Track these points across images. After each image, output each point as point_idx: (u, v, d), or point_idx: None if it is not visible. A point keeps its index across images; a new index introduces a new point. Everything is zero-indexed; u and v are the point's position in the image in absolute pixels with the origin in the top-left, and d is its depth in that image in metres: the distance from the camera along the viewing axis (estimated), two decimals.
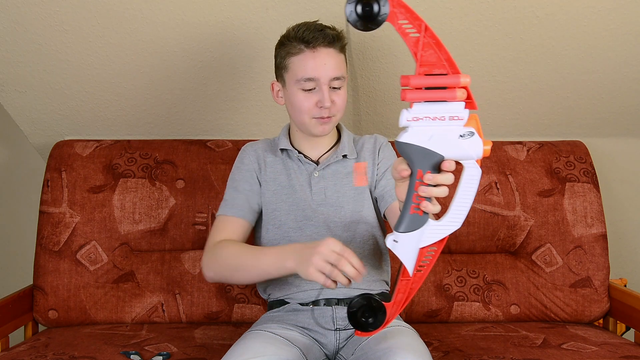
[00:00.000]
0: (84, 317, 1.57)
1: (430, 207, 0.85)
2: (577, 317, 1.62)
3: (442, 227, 0.85)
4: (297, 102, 1.27)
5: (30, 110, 1.70)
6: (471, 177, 0.83)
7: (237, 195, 1.33)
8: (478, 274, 1.63)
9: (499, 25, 1.54)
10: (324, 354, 1.23)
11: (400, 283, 0.90)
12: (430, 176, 0.84)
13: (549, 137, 1.84)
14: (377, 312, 0.90)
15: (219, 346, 1.38)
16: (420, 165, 0.84)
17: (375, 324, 0.91)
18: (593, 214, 1.66)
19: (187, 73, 1.63)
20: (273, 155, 1.37)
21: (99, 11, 1.46)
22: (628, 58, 1.63)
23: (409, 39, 0.81)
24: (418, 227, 0.86)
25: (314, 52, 1.23)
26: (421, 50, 0.80)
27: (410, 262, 0.87)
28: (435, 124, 0.82)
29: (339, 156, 1.34)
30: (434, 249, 0.87)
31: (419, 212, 0.85)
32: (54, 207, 1.61)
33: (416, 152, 0.83)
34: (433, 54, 0.81)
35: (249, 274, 1.21)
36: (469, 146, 0.82)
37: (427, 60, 0.81)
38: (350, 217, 1.31)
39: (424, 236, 0.86)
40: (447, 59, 0.81)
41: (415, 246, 0.86)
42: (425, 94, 0.81)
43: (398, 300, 0.91)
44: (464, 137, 0.82)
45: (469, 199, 0.84)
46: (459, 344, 1.41)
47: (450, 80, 0.80)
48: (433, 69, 0.81)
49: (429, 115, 0.82)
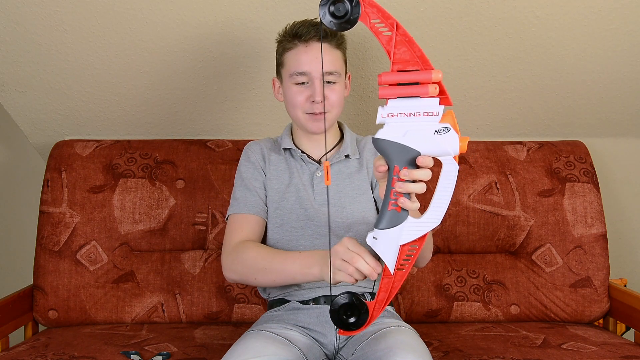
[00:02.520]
0: (84, 317, 1.57)
1: (407, 204, 0.85)
2: (577, 317, 1.62)
3: (422, 224, 0.85)
4: (290, 97, 1.28)
5: (30, 110, 1.70)
6: (448, 173, 0.84)
7: (248, 193, 1.32)
8: (478, 274, 1.63)
9: (499, 25, 1.54)
10: (324, 353, 1.23)
11: (382, 281, 0.90)
12: (406, 172, 0.84)
13: (549, 137, 1.85)
14: (359, 311, 0.90)
15: (219, 346, 1.38)
16: (396, 161, 0.85)
17: (358, 323, 0.90)
18: (593, 214, 1.66)
19: (187, 73, 1.63)
20: (276, 154, 1.37)
21: (99, 11, 1.46)
22: (628, 58, 1.63)
23: (382, 37, 0.83)
24: (397, 223, 0.86)
25: (307, 46, 1.25)
26: (394, 48, 0.82)
27: (391, 259, 0.88)
28: (410, 120, 0.83)
29: (341, 156, 1.34)
30: (415, 246, 0.87)
31: (397, 208, 0.86)
32: (54, 207, 1.61)
33: (392, 148, 0.84)
34: (406, 51, 0.82)
35: (274, 278, 1.21)
36: (444, 142, 0.83)
37: (400, 58, 0.82)
38: (351, 217, 1.31)
39: (403, 233, 0.86)
40: (419, 56, 0.82)
41: (395, 243, 0.87)
42: (398, 90, 0.83)
43: (380, 299, 0.90)
44: (439, 133, 0.83)
45: (448, 195, 0.84)
46: (459, 344, 1.41)
47: (422, 76, 0.81)
48: (407, 65, 0.82)
49: (403, 111, 0.83)
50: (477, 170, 1.67)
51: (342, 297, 0.90)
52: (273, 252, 1.24)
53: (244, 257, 1.24)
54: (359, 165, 1.35)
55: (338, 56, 1.28)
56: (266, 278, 1.22)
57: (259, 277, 1.22)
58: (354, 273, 1.02)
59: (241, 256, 1.24)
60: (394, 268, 0.88)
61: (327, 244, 1.29)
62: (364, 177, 1.34)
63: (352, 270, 1.02)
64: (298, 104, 1.27)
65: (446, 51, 1.60)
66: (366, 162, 1.36)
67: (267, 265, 1.20)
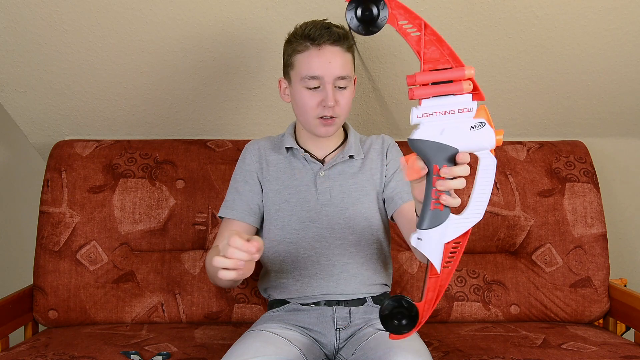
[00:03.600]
0: (84, 317, 1.57)
1: (450, 201, 0.85)
2: (577, 317, 1.62)
3: (465, 220, 0.85)
4: (301, 101, 1.26)
5: (30, 110, 1.71)
6: (487, 167, 0.84)
7: (237, 197, 1.33)
8: (478, 274, 1.63)
9: (499, 25, 1.54)
10: (324, 354, 1.23)
11: (429, 281, 0.89)
12: (446, 170, 0.84)
13: (549, 137, 1.85)
14: (409, 313, 0.88)
15: (219, 346, 1.38)
16: (435, 160, 0.84)
17: (409, 326, 0.89)
18: (593, 214, 1.66)
19: (187, 73, 1.63)
20: (277, 154, 1.36)
21: (99, 11, 1.46)
22: (628, 58, 1.63)
23: (410, 38, 0.82)
24: (440, 222, 0.86)
25: (320, 49, 1.22)
26: (424, 48, 0.81)
27: (437, 258, 0.87)
28: (446, 118, 0.83)
29: (345, 156, 1.33)
30: (459, 242, 0.87)
31: (440, 207, 0.86)
32: (54, 207, 1.61)
33: (430, 148, 0.84)
34: (435, 50, 0.82)
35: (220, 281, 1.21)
36: (481, 137, 0.83)
37: (430, 57, 0.82)
38: (354, 218, 1.30)
39: (447, 231, 0.86)
40: (449, 53, 0.81)
41: (440, 242, 0.86)
42: (432, 89, 0.82)
43: (429, 298, 0.89)
44: (475, 129, 0.83)
45: (488, 189, 0.85)
46: (459, 344, 1.41)
47: (455, 74, 0.81)
48: (437, 64, 0.82)
49: (438, 110, 0.83)
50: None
51: (391, 302, 0.88)
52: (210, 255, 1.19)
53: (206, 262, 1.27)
54: (362, 165, 1.35)
55: (349, 59, 1.27)
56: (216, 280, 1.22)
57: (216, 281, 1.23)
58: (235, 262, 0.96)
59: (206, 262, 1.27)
60: (440, 267, 0.88)
61: (329, 245, 1.29)
62: (367, 178, 1.34)
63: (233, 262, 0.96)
64: (309, 108, 1.26)
65: None
66: (371, 162, 1.35)
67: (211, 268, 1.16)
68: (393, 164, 1.35)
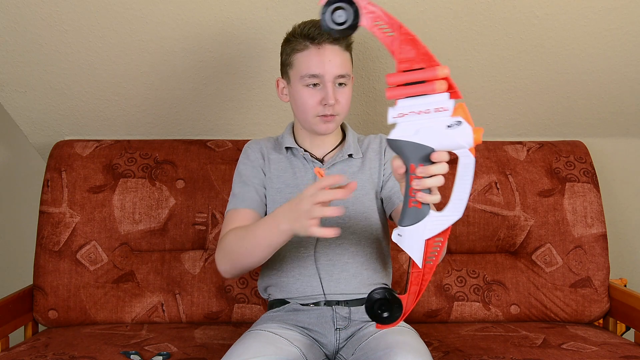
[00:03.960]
0: (84, 317, 1.57)
1: (427, 198, 0.85)
2: (577, 317, 1.62)
3: (444, 218, 0.86)
4: (301, 99, 1.26)
5: (30, 110, 1.71)
6: (466, 166, 0.84)
7: (246, 189, 1.31)
8: (478, 274, 1.63)
9: (499, 25, 1.54)
10: (324, 354, 1.23)
11: (412, 275, 0.91)
12: (421, 169, 0.85)
13: (549, 137, 1.85)
14: (392, 305, 0.91)
15: (219, 346, 1.38)
16: (412, 159, 0.85)
17: (393, 317, 0.91)
18: (593, 214, 1.66)
19: (187, 73, 1.63)
20: (277, 153, 1.36)
21: (99, 11, 1.46)
22: (628, 58, 1.63)
23: (385, 38, 0.83)
24: (419, 219, 0.86)
25: (319, 48, 1.23)
26: (398, 48, 0.82)
27: (417, 254, 0.88)
28: (421, 117, 0.83)
29: (344, 155, 1.34)
30: (440, 239, 0.87)
31: (418, 205, 0.86)
32: (54, 207, 1.61)
33: (405, 147, 0.85)
34: (410, 50, 0.82)
35: (255, 251, 1.17)
36: (458, 135, 0.82)
37: (405, 57, 0.82)
38: (354, 218, 1.30)
39: (427, 228, 0.86)
40: (424, 53, 0.81)
41: (420, 238, 0.87)
42: (405, 90, 0.83)
43: (412, 291, 0.91)
44: (451, 127, 0.82)
45: (467, 187, 0.84)
46: (459, 344, 1.41)
47: (428, 74, 0.81)
48: (413, 64, 0.82)
49: (413, 110, 0.83)
50: (477, 170, 1.67)
51: (377, 293, 0.91)
52: (245, 228, 1.21)
53: (226, 245, 1.22)
54: (361, 164, 1.35)
55: (347, 58, 1.27)
56: (249, 255, 1.18)
57: (242, 258, 1.19)
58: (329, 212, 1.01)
59: (224, 246, 1.23)
60: (422, 262, 0.88)
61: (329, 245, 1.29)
62: (366, 177, 1.34)
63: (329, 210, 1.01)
64: (309, 107, 1.26)
65: (446, 51, 1.60)
66: (369, 162, 1.35)
67: (244, 243, 1.18)
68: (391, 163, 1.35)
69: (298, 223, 1.05)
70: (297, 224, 1.06)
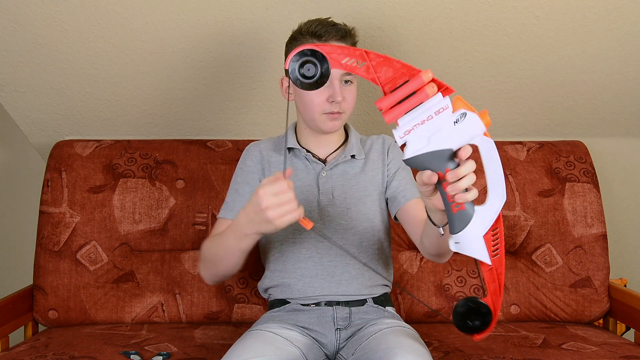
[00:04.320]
0: (84, 317, 1.57)
1: (467, 197, 0.85)
2: (577, 317, 1.62)
3: (491, 207, 0.86)
4: (307, 97, 1.25)
5: (30, 110, 1.70)
6: (488, 151, 0.84)
7: (237, 198, 1.32)
8: (478, 274, 1.63)
9: (499, 25, 1.54)
10: (324, 354, 1.23)
11: (485, 275, 0.89)
12: (451, 174, 0.84)
13: (549, 137, 1.85)
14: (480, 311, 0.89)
15: (219, 346, 1.38)
16: (437, 168, 0.84)
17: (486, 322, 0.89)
18: (593, 214, 1.66)
19: (187, 73, 1.63)
20: (278, 155, 1.35)
21: (99, 11, 1.46)
22: (628, 58, 1.63)
23: (359, 70, 0.83)
24: (468, 220, 0.86)
25: None
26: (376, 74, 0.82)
27: (482, 253, 0.87)
28: (427, 125, 0.83)
29: (347, 156, 1.33)
30: (496, 229, 0.87)
31: (461, 207, 0.86)
32: (54, 207, 1.61)
33: (426, 160, 0.84)
34: (387, 69, 0.82)
35: (227, 259, 1.19)
36: (467, 126, 0.82)
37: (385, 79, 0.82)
38: (356, 219, 1.30)
39: (479, 224, 0.86)
40: (401, 66, 0.81)
41: (478, 237, 0.86)
42: (401, 107, 0.83)
43: (493, 290, 0.90)
44: (459, 122, 0.82)
45: (498, 169, 0.84)
46: (459, 344, 1.41)
47: (415, 84, 0.81)
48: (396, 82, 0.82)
49: (416, 122, 0.83)
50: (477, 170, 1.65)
51: (460, 307, 0.89)
52: (219, 234, 1.23)
53: (203, 252, 1.26)
54: (364, 165, 1.35)
55: None
56: (224, 262, 1.20)
57: (219, 264, 1.21)
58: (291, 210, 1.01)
59: (202, 253, 1.26)
60: (489, 258, 0.87)
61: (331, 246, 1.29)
62: (369, 178, 1.33)
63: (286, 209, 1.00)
64: (316, 105, 1.25)
65: (446, 51, 1.60)
66: (372, 162, 1.35)
67: (217, 250, 1.20)
68: (394, 163, 1.35)
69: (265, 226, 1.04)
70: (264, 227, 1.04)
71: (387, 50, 1.59)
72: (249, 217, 1.07)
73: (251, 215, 1.05)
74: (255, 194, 1.03)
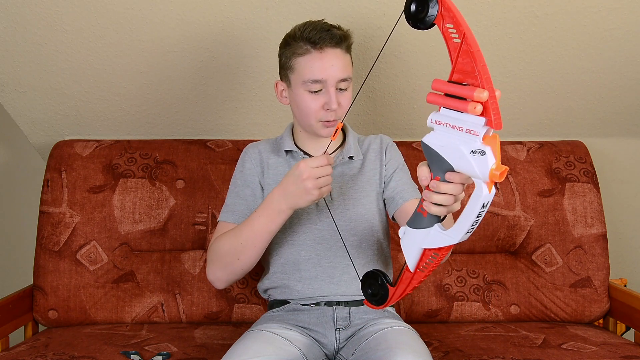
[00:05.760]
0: (84, 317, 1.57)
1: (431, 208, 0.84)
2: (577, 317, 1.62)
3: (445, 236, 0.84)
4: (303, 104, 1.25)
5: (30, 110, 1.70)
6: (476, 197, 0.81)
7: (238, 201, 1.32)
8: (478, 274, 1.63)
9: (499, 25, 1.54)
10: (324, 354, 1.23)
11: (403, 274, 0.91)
12: (434, 183, 0.83)
13: (549, 137, 1.85)
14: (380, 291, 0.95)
15: (219, 346, 1.38)
16: (434, 168, 0.84)
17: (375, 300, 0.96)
18: (593, 214, 1.66)
19: (187, 73, 1.63)
20: (276, 157, 1.35)
21: (99, 11, 1.46)
22: (628, 58, 1.63)
23: (450, 43, 0.81)
24: (420, 226, 0.86)
25: (321, 52, 1.21)
26: (458, 57, 0.80)
27: (411, 257, 0.88)
28: (453, 132, 0.81)
29: (345, 157, 1.33)
30: (437, 254, 0.86)
31: (423, 212, 0.86)
32: (54, 207, 1.61)
33: (431, 155, 0.83)
34: (469, 63, 0.79)
35: (252, 244, 1.21)
36: (476, 164, 0.79)
37: (461, 68, 0.80)
38: (355, 220, 1.30)
39: (427, 238, 0.86)
40: (480, 70, 0.78)
41: (419, 244, 0.87)
42: (442, 99, 0.81)
43: (399, 290, 0.93)
44: (474, 154, 0.80)
45: (471, 218, 0.81)
46: (459, 344, 1.41)
47: (464, 91, 0.78)
48: (466, 77, 0.79)
49: (449, 122, 0.81)
50: None
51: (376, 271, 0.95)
52: (238, 227, 1.25)
53: (218, 248, 1.25)
54: (362, 166, 1.34)
55: (349, 60, 1.26)
56: (246, 252, 1.22)
57: (240, 256, 1.22)
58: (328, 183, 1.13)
59: (216, 252, 1.26)
60: (414, 267, 0.88)
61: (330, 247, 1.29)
62: (367, 179, 1.33)
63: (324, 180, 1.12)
64: (312, 112, 1.25)
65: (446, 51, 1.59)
66: (370, 163, 1.35)
67: (240, 239, 1.21)
68: (392, 163, 1.35)
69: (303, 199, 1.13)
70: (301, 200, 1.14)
71: (387, 50, 1.59)
72: (287, 191, 1.15)
73: (290, 188, 1.14)
74: (296, 166, 1.13)
